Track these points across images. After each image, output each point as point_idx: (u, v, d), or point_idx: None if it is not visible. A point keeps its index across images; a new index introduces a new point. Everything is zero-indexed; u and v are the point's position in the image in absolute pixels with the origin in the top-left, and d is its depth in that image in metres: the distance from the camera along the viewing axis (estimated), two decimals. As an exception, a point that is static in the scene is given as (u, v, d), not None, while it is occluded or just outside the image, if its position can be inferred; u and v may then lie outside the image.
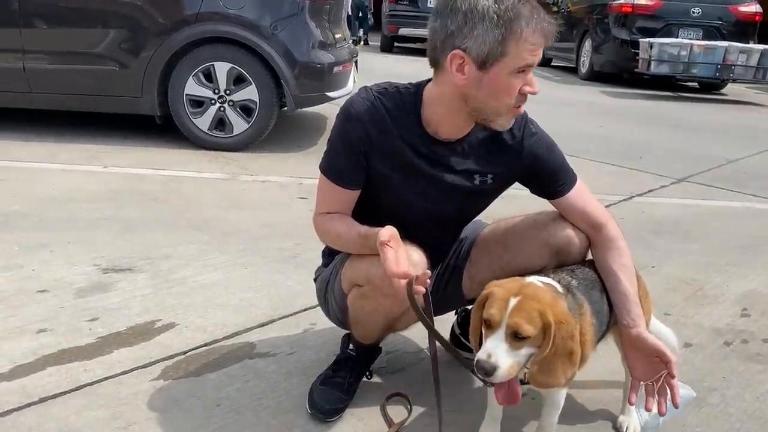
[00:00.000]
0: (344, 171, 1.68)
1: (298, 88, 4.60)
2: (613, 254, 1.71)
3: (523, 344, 1.40)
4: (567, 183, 1.73)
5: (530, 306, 1.39)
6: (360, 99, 1.65)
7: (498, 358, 1.37)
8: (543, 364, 1.41)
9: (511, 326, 1.38)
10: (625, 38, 9.94)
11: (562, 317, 1.42)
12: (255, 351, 2.14)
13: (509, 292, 1.42)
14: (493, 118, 1.57)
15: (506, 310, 1.39)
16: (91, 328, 2.21)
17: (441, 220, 1.77)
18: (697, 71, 9.35)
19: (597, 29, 10.57)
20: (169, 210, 3.45)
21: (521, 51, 1.46)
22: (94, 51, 4.56)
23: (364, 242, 1.58)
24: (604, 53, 10.34)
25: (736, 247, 3.33)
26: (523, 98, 1.54)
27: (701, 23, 9.86)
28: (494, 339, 1.40)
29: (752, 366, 2.19)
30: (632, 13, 9.96)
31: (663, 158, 5.30)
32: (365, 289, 1.62)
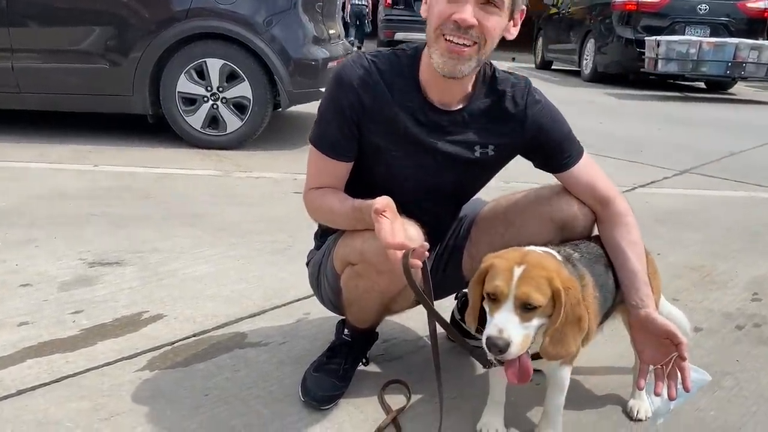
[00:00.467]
0: (336, 142, 1.58)
1: (293, 84, 4.53)
2: (621, 230, 1.62)
3: (533, 315, 1.30)
4: (573, 155, 1.64)
5: (537, 274, 1.30)
6: (352, 63, 1.56)
7: (510, 333, 1.27)
8: (554, 334, 1.32)
9: (520, 297, 1.29)
10: (630, 37, 9.50)
11: (569, 283, 1.33)
12: (246, 341, 2.04)
13: (512, 261, 1.33)
14: (432, 54, 1.47)
15: (512, 280, 1.30)
16: (74, 321, 2.12)
17: (439, 195, 1.68)
18: (706, 69, 8.90)
19: (600, 29, 10.14)
20: (160, 206, 3.36)
21: None
22: (84, 49, 4.48)
23: (358, 215, 1.48)
24: (608, 53, 9.92)
25: (742, 234, 3.24)
26: (456, 29, 1.42)
27: (708, 20, 9.43)
28: (503, 312, 1.30)
29: (765, 349, 2.10)
30: (637, 10, 9.52)
31: (664, 152, 5.21)
32: (359, 267, 1.52)
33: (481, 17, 1.42)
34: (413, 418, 1.68)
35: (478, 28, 1.43)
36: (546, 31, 12.76)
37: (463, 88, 1.56)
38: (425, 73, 1.55)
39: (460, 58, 1.46)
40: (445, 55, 1.46)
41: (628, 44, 9.51)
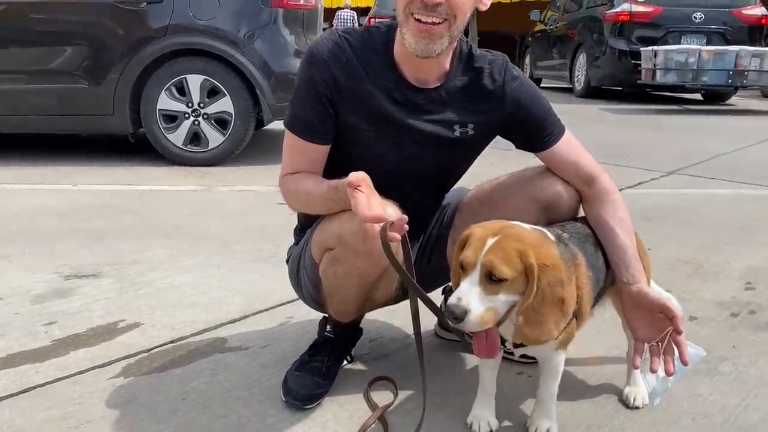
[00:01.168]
0: (311, 123, 1.53)
1: (275, 98, 4.48)
2: (608, 208, 1.56)
3: (499, 288, 1.23)
4: (554, 133, 1.59)
5: (509, 246, 1.24)
6: (324, 40, 1.52)
7: (469, 302, 1.21)
8: (530, 315, 1.25)
9: (485, 266, 1.23)
10: (624, 48, 9.11)
11: (548, 260, 1.25)
12: (226, 345, 1.96)
13: (489, 231, 1.28)
14: (404, 35, 1.43)
15: (481, 250, 1.24)
16: (47, 332, 2.03)
17: (419, 178, 1.62)
18: (707, 79, 8.40)
19: (591, 42, 9.77)
20: (140, 220, 3.28)
21: None
22: (62, 69, 4.42)
23: (333, 195, 1.42)
24: (602, 67, 9.48)
25: (732, 228, 3.20)
26: (424, 7, 1.38)
27: (704, 29, 9.07)
28: (467, 282, 1.24)
29: (763, 335, 2.04)
30: (630, 21, 9.14)
31: (651, 155, 5.20)
32: (337, 251, 1.46)
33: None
34: (401, 414, 1.59)
35: (446, 4, 1.39)
36: (533, 49, 12.51)
37: (439, 66, 1.51)
38: (399, 51, 1.51)
39: (431, 36, 1.42)
40: (416, 35, 1.42)
41: (622, 56, 9.17)
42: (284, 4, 4.48)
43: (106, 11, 4.37)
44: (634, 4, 9.12)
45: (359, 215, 1.28)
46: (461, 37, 1.52)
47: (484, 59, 1.57)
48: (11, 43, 4.43)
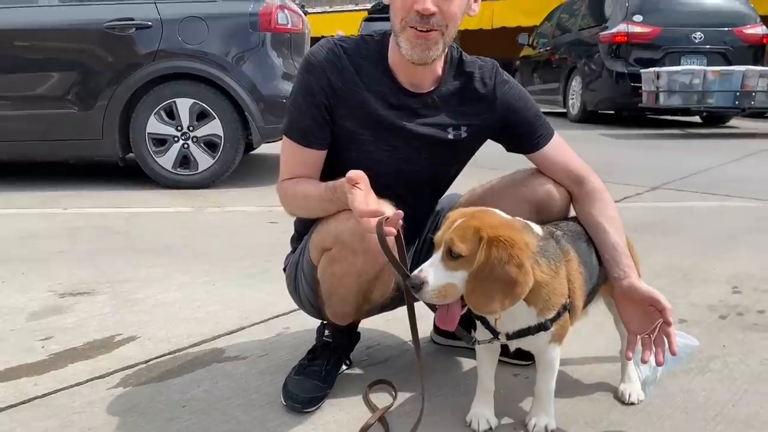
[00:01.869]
0: (308, 129, 1.57)
1: (264, 120, 4.53)
2: (599, 206, 1.62)
3: (458, 265, 1.30)
4: (544, 135, 1.65)
5: (469, 224, 1.31)
6: (320, 48, 1.57)
7: (427, 275, 1.30)
8: (476, 285, 1.29)
9: (446, 243, 1.31)
10: (622, 71, 8.67)
11: (504, 238, 1.29)
12: (223, 355, 1.97)
13: (461, 214, 1.36)
14: (399, 43, 1.50)
15: (448, 230, 1.32)
16: (44, 347, 2.03)
17: (414, 181, 1.66)
18: (713, 101, 7.90)
19: (586, 64, 9.30)
20: (131, 241, 3.29)
21: None
22: (51, 95, 4.46)
23: (331, 195, 1.46)
24: (598, 90, 9.02)
25: (717, 237, 3.27)
26: (419, 19, 1.45)
27: (704, 49, 8.65)
28: (432, 258, 1.33)
29: (751, 335, 2.09)
30: (627, 42, 8.70)
31: (635, 172, 5.29)
32: (334, 250, 1.49)
33: (440, 4, 1.45)
34: (401, 415, 1.61)
35: (439, 14, 1.46)
36: (522, 73, 12.06)
37: (432, 72, 1.57)
38: (394, 58, 1.56)
39: (427, 42, 1.48)
40: (412, 42, 1.48)
41: (620, 79, 8.70)
42: (272, 28, 4.55)
43: (96, 37, 4.42)
44: (631, 25, 8.73)
45: (356, 210, 1.32)
46: (451, 44, 1.58)
47: (474, 64, 1.62)
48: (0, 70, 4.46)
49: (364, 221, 1.31)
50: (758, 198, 4.19)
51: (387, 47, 1.57)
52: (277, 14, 4.56)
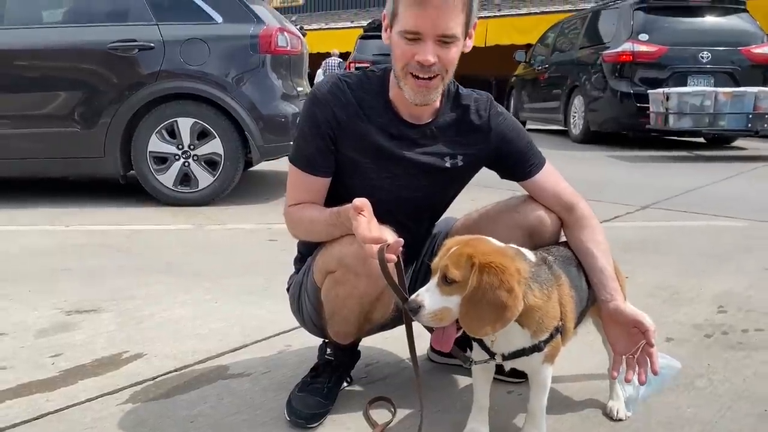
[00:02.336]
0: (313, 158, 1.66)
1: (263, 140, 4.63)
2: (587, 232, 1.71)
3: (453, 290, 1.39)
4: (536, 164, 1.74)
5: (462, 252, 1.40)
6: (326, 83, 1.67)
7: (424, 299, 1.39)
8: (469, 307, 1.38)
9: (441, 270, 1.40)
10: (627, 91, 8.41)
11: (495, 264, 1.37)
12: (228, 372, 2.04)
13: (457, 242, 1.44)
14: (401, 86, 1.59)
15: (443, 258, 1.41)
16: (53, 363, 2.10)
17: (413, 207, 1.75)
18: (725, 123, 7.63)
19: (589, 84, 9.03)
20: (134, 258, 3.37)
21: (404, 12, 1.52)
22: (54, 114, 4.54)
23: (335, 220, 1.55)
24: (602, 110, 8.75)
25: (705, 256, 3.37)
26: (420, 67, 1.54)
27: (711, 69, 8.40)
28: (429, 284, 1.42)
29: (735, 353, 2.17)
30: (632, 61, 8.44)
31: (625, 191, 5.39)
32: (338, 273, 1.57)
33: (440, 54, 1.54)
34: (399, 431, 1.69)
35: (439, 63, 1.55)
36: (518, 91, 11.91)
37: (430, 105, 1.66)
38: (394, 92, 1.66)
39: (428, 89, 1.59)
40: (414, 90, 1.59)
41: (625, 99, 8.43)
42: (272, 50, 4.66)
43: (99, 57, 4.52)
44: (637, 44, 8.46)
45: (359, 237, 1.41)
46: None
47: (470, 97, 1.72)
48: (4, 89, 4.54)
49: (367, 247, 1.40)
50: (745, 218, 4.30)
51: (388, 82, 1.66)
52: (278, 37, 4.67)
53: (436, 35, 1.51)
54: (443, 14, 1.49)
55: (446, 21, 1.50)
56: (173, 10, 4.67)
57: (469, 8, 1.55)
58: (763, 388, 1.92)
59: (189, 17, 4.67)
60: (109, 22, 4.64)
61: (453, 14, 1.51)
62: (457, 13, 1.51)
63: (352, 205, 1.45)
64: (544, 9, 17.46)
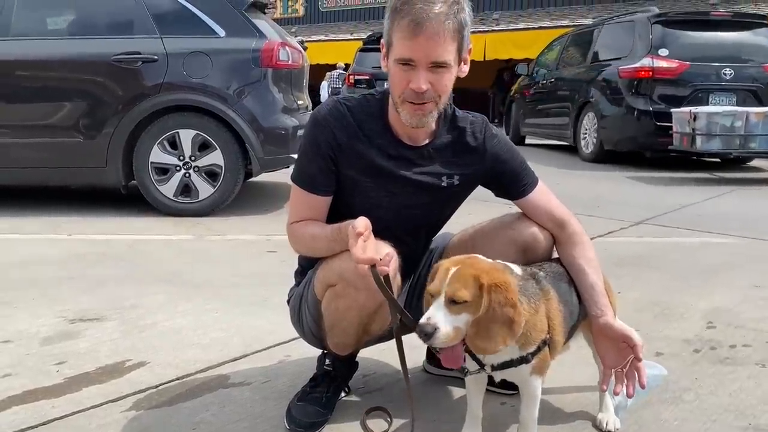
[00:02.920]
0: (315, 177, 1.73)
1: (264, 152, 4.70)
2: (578, 249, 1.77)
3: (461, 309, 1.44)
4: (529, 183, 1.81)
5: (466, 272, 1.45)
6: (326, 106, 1.74)
7: (437, 321, 1.43)
8: (480, 328, 1.44)
9: (449, 292, 1.44)
10: (645, 108, 7.88)
11: (500, 283, 1.45)
12: (229, 381, 2.10)
13: (453, 263, 1.49)
14: (399, 112, 1.66)
15: (445, 279, 1.45)
16: (58, 371, 2.15)
17: (410, 224, 1.82)
18: (756, 145, 7.18)
19: (602, 100, 8.50)
20: (136, 267, 3.42)
21: (397, 42, 1.59)
22: (58, 124, 4.61)
23: (336, 235, 1.61)
24: (617, 128, 8.21)
25: (696, 273, 3.43)
26: (415, 94, 1.60)
27: (734, 87, 7.95)
28: (435, 305, 1.46)
29: (722, 368, 2.23)
30: (652, 77, 7.90)
31: (619, 207, 5.46)
32: (338, 287, 1.63)
33: (433, 80, 1.61)
34: (395, 440, 1.75)
35: (431, 89, 1.62)
36: (520, 104, 11.40)
37: (427, 127, 1.73)
38: (393, 115, 1.72)
39: (423, 112, 1.65)
40: (410, 114, 1.66)
41: (643, 117, 7.90)
42: (273, 64, 4.74)
43: (103, 69, 4.60)
44: (657, 59, 7.93)
45: (353, 257, 1.48)
46: None
47: (466, 120, 1.80)
48: (10, 99, 4.61)
49: (360, 267, 1.47)
50: (735, 234, 4.37)
51: (387, 105, 1.73)
52: (279, 51, 4.75)
53: (429, 63, 1.58)
54: (434, 44, 1.56)
55: (437, 49, 1.57)
56: (177, 24, 4.75)
57: (460, 36, 1.61)
58: (749, 402, 1.98)
59: (192, 31, 4.75)
60: (114, 34, 4.72)
61: (444, 43, 1.57)
62: (448, 42, 1.58)
63: (352, 225, 1.51)
64: (542, 24, 17.62)
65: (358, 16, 24.00)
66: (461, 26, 1.60)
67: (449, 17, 1.56)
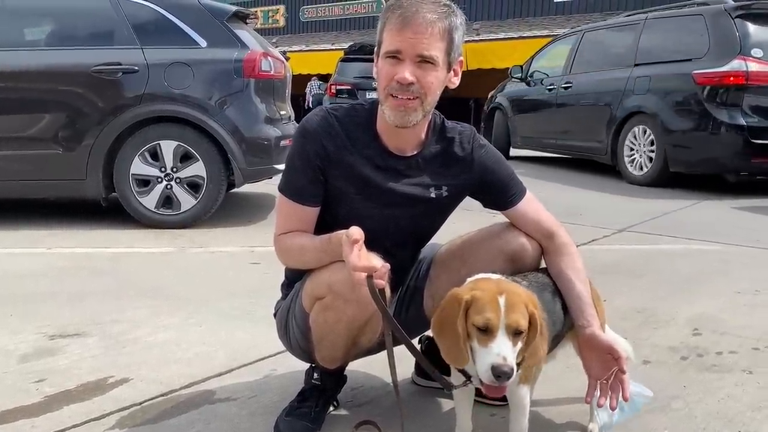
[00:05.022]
0: (302, 188, 1.71)
1: (246, 163, 4.65)
2: (566, 259, 1.77)
3: (518, 339, 1.44)
4: (517, 194, 1.81)
5: (518, 300, 1.45)
6: (315, 116, 1.72)
7: (511, 359, 1.40)
8: (532, 349, 1.48)
9: (512, 325, 1.42)
10: (735, 123, 6.33)
11: (536, 304, 1.50)
12: (215, 397, 2.06)
13: (492, 292, 1.46)
14: (384, 110, 1.66)
15: (500, 310, 1.42)
16: (38, 389, 2.10)
17: (399, 235, 1.80)
18: None
19: (666, 110, 6.85)
20: (117, 281, 3.36)
21: (387, 37, 1.62)
22: (37, 136, 4.52)
23: (326, 246, 1.59)
24: (694, 146, 6.65)
25: (680, 280, 3.46)
26: (399, 87, 1.60)
27: None
28: (500, 340, 1.41)
29: (709, 375, 2.24)
30: (745, 84, 6.34)
31: (602, 214, 5.49)
32: (327, 299, 1.61)
33: (419, 75, 1.61)
34: (385, 454, 1.72)
35: (417, 84, 1.61)
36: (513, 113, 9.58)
37: (416, 136, 1.72)
38: (381, 124, 1.71)
39: (406, 109, 1.64)
40: (393, 109, 1.64)
41: (733, 132, 6.37)
42: (256, 74, 4.70)
43: (83, 80, 4.52)
44: (752, 62, 6.37)
45: (350, 265, 1.46)
46: (434, 111, 1.74)
47: (454, 130, 1.79)
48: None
49: (356, 275, 1.44)
50: (718, 241, 4.41)
51: (375, 115, 1.72)
52: (261, 61, 4.72)
53: (415, 55, 1.59)
54: (422, 37, 1.58)
55: (424, 42, 1.59)
56: (158, 34, 4.70)
57: (450, 37, 1.62)
58: (737, 408, 1.99)
59: (173, 41, 4.70)
60: (94, 45, 4.66)
61: (432, 39, 1.59)
62: (436, 38, 1.60)
63: (347, 234, 1.49)
64: (522, 34, 17.79)
65: (339, 27, 24.04)
66: (451, 27, 1.61)
67: (439, 16, 1.59)
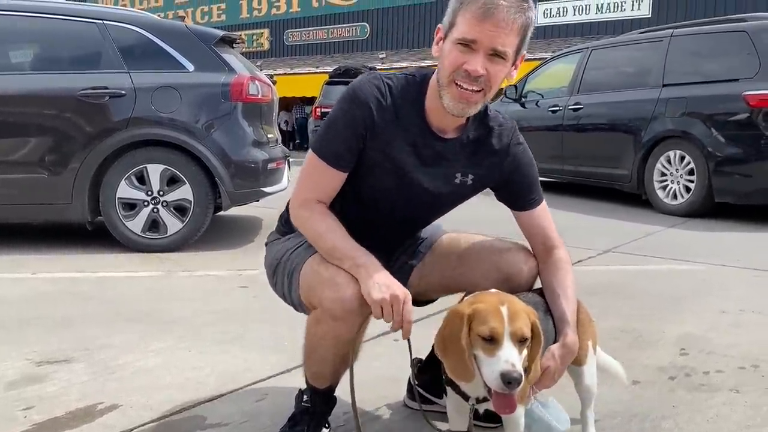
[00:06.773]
0: (340, 152, 1.69)
1: (234, 186, 4.66)
2: (560, 275, 1.80)
3: (523, 347, 1.46)
4: (536, 199, 1.85)
5: (520, 309, 1.48)
6: (368, 83, 1.69)
7: (518, 366, 1.41)
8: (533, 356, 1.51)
9: (517, 333, 1.44)
10: None
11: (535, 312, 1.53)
12: (206, 422, 2.05)
13: (494, 303, 1.48)
14: (442, 94, 1.63)
15: (503, 319, 1.44)
16: (26, 416, 2.07)
17: (411, 211, 1.82)
18: None
19: (709, 135, 6.29)
20: (103, 306, 3.34)
21: (463, 22, 1.58)
22: (22, 160, 4.51)
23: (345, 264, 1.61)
24: (747, 175, 6.13)
25: (666, 300, 3.50)
26: (467, 77, 1.59)
27: None
28: (507, 348, 1.42)
29: (698, 395, 2.26)
30: None
31: (586, 236, 5.52)
32: (318, 312, 1.64)
33: (489, 67, 1.60)
34: (379, 478, 1.72)
35: (485, 77, 1.61)
36: None
37: (460, 120, 1.73)
38: (430, 103, 1.71)
39: (468, 102, 1.64)
40: (455, 99, 1.63)
41: None
42: (243, 98, 4.73)
43: (70, 104, 4.52)
44: None
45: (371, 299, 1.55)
46: None
47: (496, 120, 1.79)
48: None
49: (386, 311, 1.53)
50: (702, 261, 4.47)
51: (426, 88, 1.71)
52: (249, 85, 4.75)
53: (489, 49, 1.57)
54: (502, 30, 1.56)
55: (503, 37, 1.57)
56: (145, 59, 4.72)
57: (524, 34, 1.62)
58: (727, 428, 2.01)
59: (160, 65, 4.72)
60: (81, 69, 4.67)
61: (510, 34, 1.57)
62: (514, 33, 1.58)
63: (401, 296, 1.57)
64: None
65: (324, 50, 24.24)
66: (527, 24, 1.61)
67: (519, 12, 1.57)
